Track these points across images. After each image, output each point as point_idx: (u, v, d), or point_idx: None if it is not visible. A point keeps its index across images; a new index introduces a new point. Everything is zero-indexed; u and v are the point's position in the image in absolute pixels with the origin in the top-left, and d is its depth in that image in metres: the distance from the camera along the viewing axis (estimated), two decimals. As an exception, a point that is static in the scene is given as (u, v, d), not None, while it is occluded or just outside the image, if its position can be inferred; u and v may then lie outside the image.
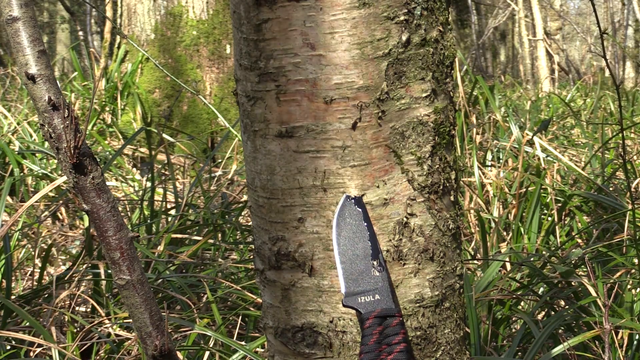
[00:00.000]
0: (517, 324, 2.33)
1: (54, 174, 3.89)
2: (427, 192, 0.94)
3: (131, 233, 1.13)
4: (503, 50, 20.34)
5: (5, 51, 13.29)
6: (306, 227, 0.93)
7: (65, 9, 14.25)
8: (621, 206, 2.93)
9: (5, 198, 2.59)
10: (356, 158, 0.91)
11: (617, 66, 13.85)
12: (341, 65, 0.88)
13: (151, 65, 5.54)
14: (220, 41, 5.52)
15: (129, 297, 1.13)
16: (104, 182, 1.11)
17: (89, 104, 5.55)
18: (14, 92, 6.83)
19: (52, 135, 1.07)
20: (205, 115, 5.43)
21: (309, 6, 0.88)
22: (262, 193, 0.96)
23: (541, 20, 13.52)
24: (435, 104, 0.94)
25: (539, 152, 3.66)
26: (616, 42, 14.06)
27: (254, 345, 1.88)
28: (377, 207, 0.92)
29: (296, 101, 0.90)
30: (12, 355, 2.02)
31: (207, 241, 2.88)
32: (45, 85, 1.06)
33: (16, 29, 1.05)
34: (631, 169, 3.61)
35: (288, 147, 0.92)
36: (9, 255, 2.30)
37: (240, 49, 0.94)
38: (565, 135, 5.50)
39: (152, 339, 1.14)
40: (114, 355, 2.04)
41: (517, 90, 9.39)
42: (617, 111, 6.23)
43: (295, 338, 0.96)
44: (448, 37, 0.95)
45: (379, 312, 0.86)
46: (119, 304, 2.38)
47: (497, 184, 3.38)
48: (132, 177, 4.44)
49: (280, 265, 0.96)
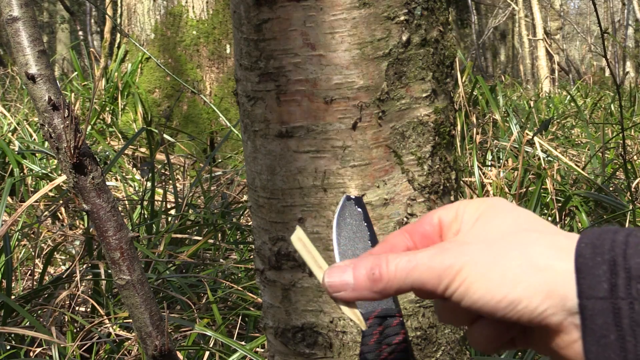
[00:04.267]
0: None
1: (54, 174, 3.89)
2: (427, 192, 0.94)
3: (131, 233, 1.13)
4: (503, 50, 20.35)
5: (5, 51, 13.29)
6: (306, 227, 0.93)
7: (65, 9, 14.25)
8: (621, 206, 2.93)
9: (6, 198, 2.59)
10: (356, 158, 0.91)
11: (617, 66, 13.85)
12: (341, 65, 0.88)
13: (151, 65, 5.54)
14: (220, 41, 5.52)
15: (129, 297, 1.13)
16: (104, 182, 1.11)
17: (89, 104, 5.55)
18: (14, 92, 6.83)
19: (52, 135, 1.07)
20: (205, 115, 5.43)
21: (309, 6, 0.88)
22: (263, 193, 0.96)
23: (541, 20, 13.52)
24: (435, 104, 0.94)
25: (539, 152, 3.66)
26: (617, 41, 14.05)
27: (254, 345, 1.88)
28: (378, 207, 0.92)
29: (296, 101, 0.90)
30: (12, 355, 2.02)
31: (207, 241, 2.88)
32: (45, 85, 1.06)
33: (16, 28, 1.05)
34: (631, 168, 3.61)
35: (288, 147, 0.92)
36: (9, 256, 2.30)
37: (240, 49, 0.94)
38: (566, 135, 5.50)
39: (152, 339, 1.14)
40: (114, 355, 2.04)
41: (517, 90, 9.40)
42: (617, 111, 6.23)
43: (296, 338, 0.96)
44: (448, 37, 0.95)
45: (379, 312, 0.86)
46: (119, 304, 2.38)
47: (497, 184, 3.38)
48: (132, 177, 4.44)
49: (281, 265, 0.96)
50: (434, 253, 0.62)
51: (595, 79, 12.90)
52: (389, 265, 0.63)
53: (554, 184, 3.29)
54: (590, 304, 0.57)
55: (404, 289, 0.63)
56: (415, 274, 0.62)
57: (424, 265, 0.61)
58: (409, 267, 0.62)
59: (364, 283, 0.64)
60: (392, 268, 0.63)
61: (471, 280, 0.59)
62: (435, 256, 0.61)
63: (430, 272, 0.61)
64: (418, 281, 0.62)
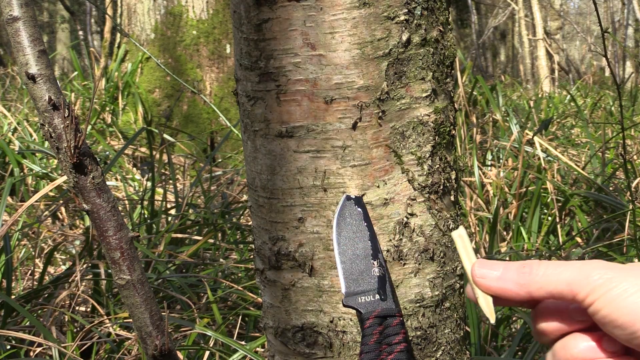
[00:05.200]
0: (517, 324, 2.33)
1: (54, 174, 3.89)
2: (427, 192, 0.94)
3: (131, 233, 1.13)
4: (503, 50, 20.34)
5: (5, 51, 13.29)
6: (306, 227, 0.93)
7: (65, 8, 14.25)
8: (621, 206, 2.93)
9: (6, 198, 2.59)
10: (356, 158, 0.91)
11: (617, 66, 13.85)
12: (341, 65, 0.88)
13: (151, 64, 5.54)
14: (220, 41, 5.51)
15: (129, 297, 1.13)
16: (104, 181, 1.11)
17: (89, 104, 5.54)
18: (14, 92, 6.83)
19: (52, 135, 1.07)
20: (205, 115, 5.43)
21: (309, 6, 0.88)
22: (263, 193, 0.96)
23: (541, 19, 13.52)
24: (435, 103, 0.94)
25: (539, 152, 3.66)
26: (617, 41, 14.05)
27: (254, 345, 1.88)
28: (378, 207, 0.92)
29: (296, 101, 0.90)
30: (12, 355, 2.02)
31: (207, 241, 2.88)
32: (46, 85, 1.06)
33: (16, 28, 1.05)
34: (631, 168, 3.61)
35: (288, 147, 0.92)
36: (9, 256, 2.30)
37: (240, 48, 0.94)
38: (566, 135, 5.50)
39: (152, 338, 1.14)
40: (114, 355, 2.04)
41: (517, 90, 9.39)
42: (617, 111, 6.23)
43: (296, 338, 0.96)
44: (448, 37, 0.95)
45: (379, 312, 0.86)
46: (119, 304, 2.38)
47: (497, 184, 3.38)
48: (132, 177, 4.44)
49: (281, 265, 0.95)
50: (586, 263, 0.67)
51: (595, 79, 12.90)
52: (540, 265, 0.70)
53: (553, 184, 3.29)
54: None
55: (547, 288, 0.68)
56: (565, 275, 0.67)
57: (575, 269, 0.67)
58: (559, 269, 0.68)
59: (512, 275, 0.70)
60: (543, 267, 0.69)
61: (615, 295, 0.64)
62: (587, 264, 0.67)
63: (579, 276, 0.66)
64: (564, 282, 0.67)
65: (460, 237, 0.79)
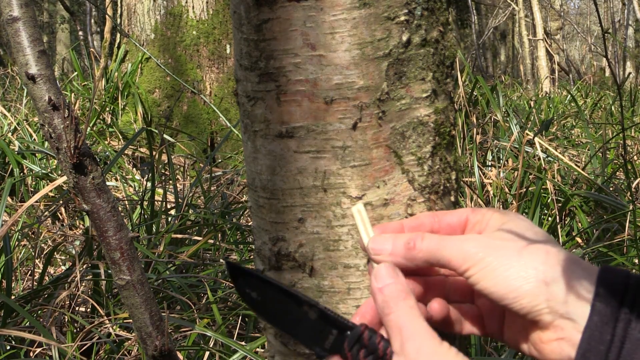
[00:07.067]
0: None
1: (54, 174, 3.89)
2: (427, 192, 0.94)
3: (131, 233, 1.13)
4: (503, 50, 20.35)
5: (5, 51, 13.29)
6: (306, 228, 0.93)
7: (65, 9, 14.25)
8: (622, 206, 2.93)
9: (6, 198, 2.59)
10: (356, 158, 0.91)
11: (617, 66, 13.85)
12: (341, 66, 0.88)
13: (151, 65, 5.54)
14: (220, 41, 5.52)
15: (129, 297, 1.13)
16: (104, 182, 1.11)
17: (89, 104, 5.55)
18: (14, 92, 6.84)
19: (52, 135, 1.07)
20: (205, 115, 5.43)
21: (309, 6, 0.88)
22: (263, 193, 0.96)
23: (541, 20, 13.52)
24: (435, 104, 0.94)
25: (539, 152, 3.66)
26: (617, 41, 14.06)
27: (254, 345, 1.88)
28: (378, 207, 0.92)
29: (296, 101, 0.90)
30: (12, 355, 2.02)
31: (207, 241, 2.88)
32: (46, 85, 1.06)
33: (16, 29, 1.05)
34: (631, 168, 3.61)
35: (288, 148, 0.92)
36: (9, 256, 2.30)
37: (240, 49, 0.94)
38: (566, 136, 5.50)
39: (152, 339, 1.14)
40: (114, 356, 2.04)
41: (517, 90, 9.39)
42: (617, 111, 6.23)
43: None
44: (448, 37, 0.95)
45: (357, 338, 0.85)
46: (119, 304, 2.38)
47: (497, 184, 3.38)
48: (132, 177, 4.44)
49: (281, 265, 0.95)
50: (464, 239, 0.76)
51: (596, 79, 12.90)
52: (424, 239, 0.78)
53: (554, 185, 3.29)
54: None
55: (431, 261, 0.77)
56: (446, 251, 0.75)
57: (455, 246, 0.75)
58: (440, 245, 0.76)
59: (400, 250, 0.78)
60: (426, 242, 0.77)
61: (491, 269, 0.72)
62: (466, 241, 0.75)
63: (459, 253, 0.74)
64: (446, 257, 0.75)
65: (359, 212, 0.83)
